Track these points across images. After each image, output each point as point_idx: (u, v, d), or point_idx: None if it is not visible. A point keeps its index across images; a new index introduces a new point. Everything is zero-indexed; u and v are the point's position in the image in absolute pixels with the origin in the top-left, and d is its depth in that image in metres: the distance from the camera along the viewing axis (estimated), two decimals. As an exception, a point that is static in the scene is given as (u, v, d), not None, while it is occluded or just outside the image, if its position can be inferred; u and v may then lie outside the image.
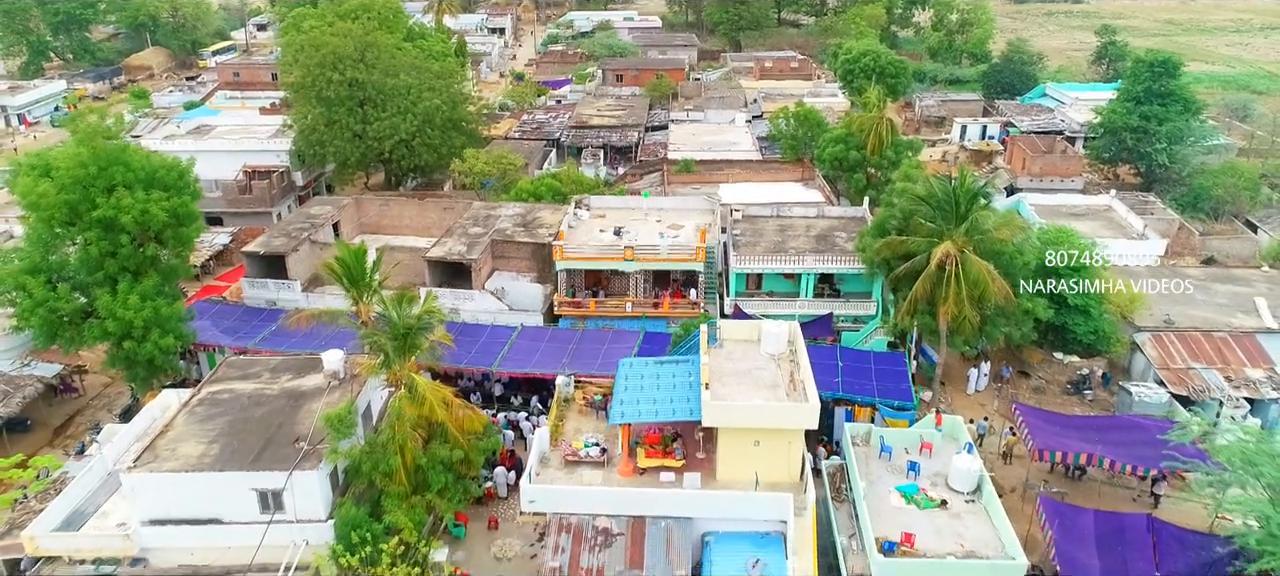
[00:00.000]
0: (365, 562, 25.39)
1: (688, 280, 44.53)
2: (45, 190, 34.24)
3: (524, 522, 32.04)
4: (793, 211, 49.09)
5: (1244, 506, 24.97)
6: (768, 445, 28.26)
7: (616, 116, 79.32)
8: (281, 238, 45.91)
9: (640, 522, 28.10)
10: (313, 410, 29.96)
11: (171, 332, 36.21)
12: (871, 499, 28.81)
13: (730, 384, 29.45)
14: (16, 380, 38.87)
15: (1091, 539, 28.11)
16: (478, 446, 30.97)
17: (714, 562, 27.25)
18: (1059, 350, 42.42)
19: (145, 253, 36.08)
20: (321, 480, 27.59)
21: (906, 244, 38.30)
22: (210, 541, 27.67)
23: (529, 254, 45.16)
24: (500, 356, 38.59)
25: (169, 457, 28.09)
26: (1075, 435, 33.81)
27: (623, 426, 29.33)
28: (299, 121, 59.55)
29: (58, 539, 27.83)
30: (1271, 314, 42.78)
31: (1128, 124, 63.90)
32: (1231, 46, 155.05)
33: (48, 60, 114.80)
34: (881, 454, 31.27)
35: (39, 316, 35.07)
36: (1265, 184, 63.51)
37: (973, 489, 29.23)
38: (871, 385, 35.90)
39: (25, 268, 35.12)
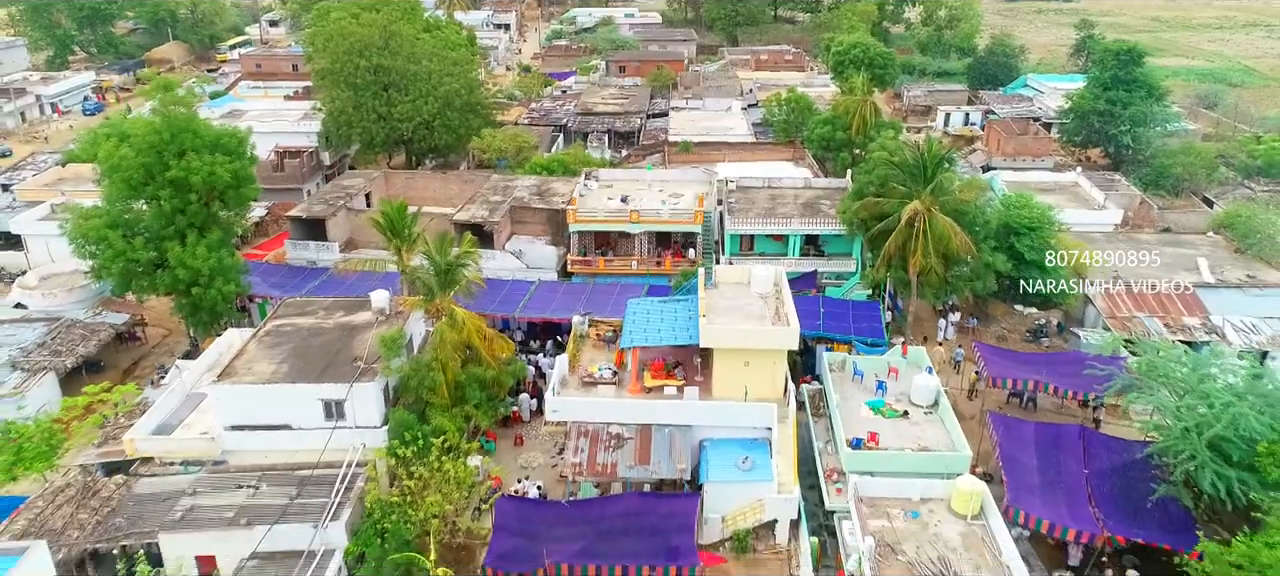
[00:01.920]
0: (417, 455, 30.23)
1: (687, 241, 49.45)
2: (125, 154, 39.09)
3: (549, 433, 36.98)
4: (782, 182, 54.03)
5: (1143, 400, 29.87)
6: (755, 364, 33.18)
7: (620, 104, 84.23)
8: (321, 205, 50.83)
9: (647, 429, 33.04)
10: (365, 339, 34.93)
11: (232, 281, 41.17)
12: (844, 410, 33.80)
13: (724, 315, 34.42)
14: (92, 326, 43.83)
15: (1031, 444, 33.05)
16: (506, 370, 35.86)
17: (710, 461, 32.19)
18: (1019, 302, 47.32)
19: (210, 210, 41.00)
20: (377, 392, 32.51)
21: (881, 205, 43.22)
22: (281, 444, 32.52)
23: (544, 219, 50.11)
24: (521, 304, 43.51)
25: (247, 374, 33.05)
26: (1026, 367, 38.82)
27: (632, 350, 34.28)
28: (328, 105, 64.36)
29: (153, 442, 32.76)
30: (1210, 271, 47.73)
31: (1095, 108, 68.86)
32: (1213, 42, 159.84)
33: (72, 54, 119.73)
34: (854, 377, 36.28)
35: (118, 266, 39.98)
36: (1222, 164, 68.39)
37: (931, 403, 34.22)
38: (849, 326, 40.82)
39: (106, 223, 40.02)
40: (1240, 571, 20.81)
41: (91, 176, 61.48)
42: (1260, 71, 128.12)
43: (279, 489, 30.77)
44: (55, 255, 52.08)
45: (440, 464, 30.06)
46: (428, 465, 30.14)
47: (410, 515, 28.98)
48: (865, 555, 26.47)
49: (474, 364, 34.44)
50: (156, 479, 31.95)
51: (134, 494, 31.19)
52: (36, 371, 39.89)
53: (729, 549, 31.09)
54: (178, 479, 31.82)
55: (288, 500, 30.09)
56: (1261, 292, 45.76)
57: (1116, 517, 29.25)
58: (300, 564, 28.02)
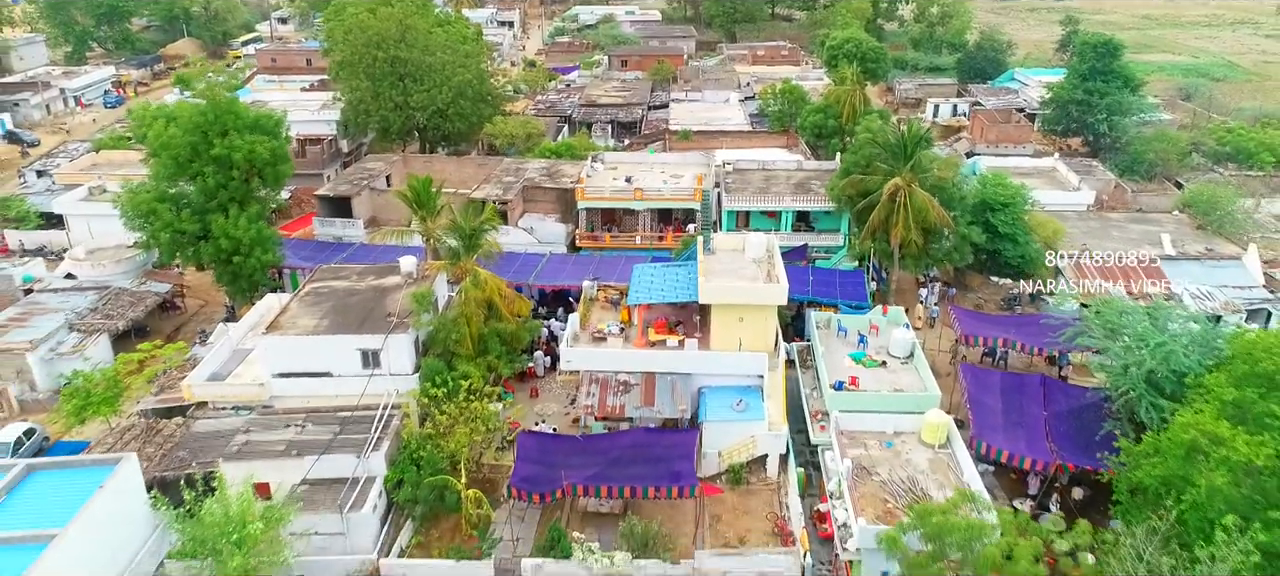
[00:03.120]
0: (446, 396, 33.86)
1: (687, 217, 53.15)
2: (173, 133, 42.80)
3: (562, 386, 40.69)
4: (776, 165, 57.75)
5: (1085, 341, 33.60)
6: (749, 319, 36.90)
7: (622, 96, 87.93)
8: (346, 185, 54.51)
9: (651, 377, 36.74)
10: (396, 297, 38.63)
11: (269, 252, 44.86)
12: (829, 361, 37.50)
13: (721, 275, 38.14)
14: (139, 294, 47.54)
15: (997, 390, 36.76)
16: (523, 327, 39.55)
17: (708, 404, 35.91)
18: (994, 274, 50.98)
19: (249, 186, 44.68)
20: (409, 343, 36.18)
21: (866, 182, 46.93)
22: (322, 390, 36.17)
23: (554, 198, 53.82)
24: (534, 274, 47.19)
25: (292, 327, 36.74)
26: (997, 327, 42.57)
27: (638, 306, 37.99)
28: (347, 95, 68.01)
29: (208, 388, 36.47)
30: (1172, 245, 51.46)
31: (1073, 98, 72.63)
32: (1200, 39, 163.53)
33: (90, 50, 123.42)
34: (839, 333, 40.01)
35: (166, 237, 43.69)
36: (1194, 151, 72.16)
37: (907, 354, 37.95)
38: (835, 291, 44.51)
39: (155, 197, 43.72)
40: (1149, 458, 24.25)
41: (123, 162, 65.63)
42: (1244, 67, 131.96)
43: (323, 427, 34.43)
44: (94, 233, 55.84)
45: (467, 403, 33.69)
46: (456, 404, 33.75)
47: (442, 447, 32.62)
48: (844, 475, 30.20)
49: (495, 319, 38.09)
50: (212, 420, 35.65)
51: (193, 432, 34.88)
52: (91, 332, 43.57)
53: (725, 481, 34.80)
54: (231, 420, 35.51)
55: (331, 436, 33.75)
56: (1217, 264, 49.49)
57: (1069, 450, 32.94)
58: (345, 489, 31.68)
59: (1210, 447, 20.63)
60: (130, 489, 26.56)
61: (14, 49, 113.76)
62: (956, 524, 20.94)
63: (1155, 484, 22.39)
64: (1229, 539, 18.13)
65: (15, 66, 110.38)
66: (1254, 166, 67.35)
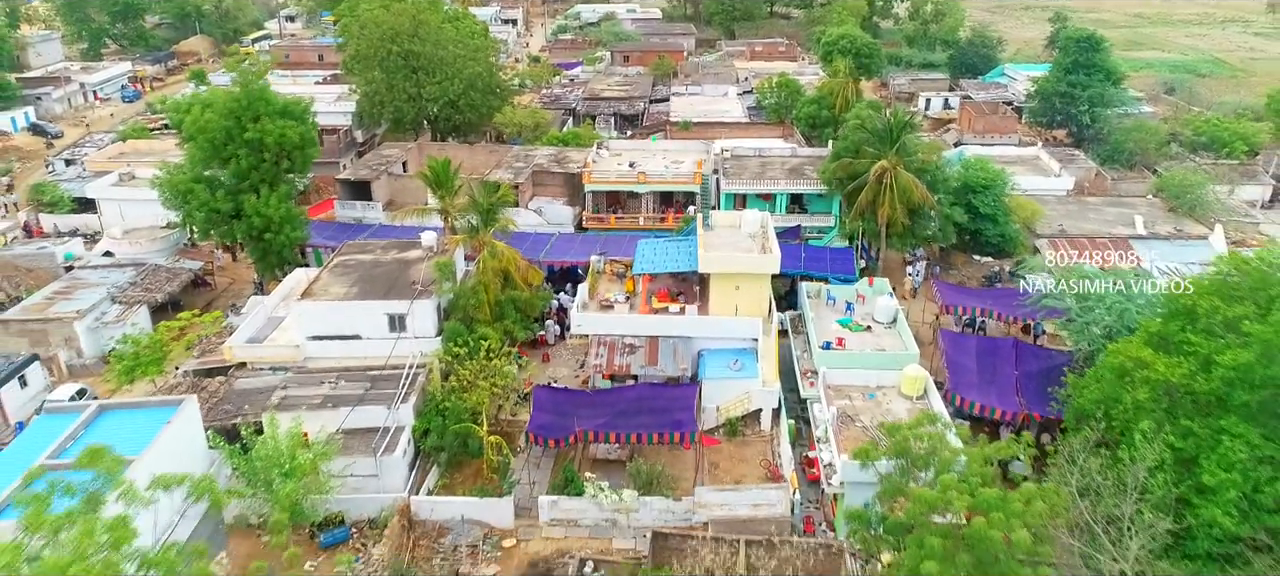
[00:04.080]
0: (468, 355, 37.04)
1: (687, 200, 56.34)
2: (210, 118, 45.97)
3: (570, 352, 43.88)
4: (772, 152, 60.94)
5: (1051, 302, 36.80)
6: (745, 287, 40.10)
7: (624, 90, 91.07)
8: (365, 170, 57.71)
9: (655, 340, 39.96)
10: (418, 268, 41.83)
11: (298, 229, 48.07)
12: (818, 326, 40.72)
13: (719, 248, 41.34)
14: (174, 270, 50.72)
15: (973, 352, 39.96)
16: (536, 295, 42.75)
17: (707, 364, 39.09)
18: (976, 252, 54.19)
19: (279, 167, 47.85)
20: (433, 308, 39.38)
21: (855, 165, 50.09)
22: (353, 351, 39.35)
23: (562, 182, 57.01)
24: (544, 251, 50.35)
25: (324, 294, 39.95)
26: (975, 298, 45.77)
27: (643, 277, 41.18)
28: (363, 87, 71.15)
29: (248, 349, 39.67)
30: (1143, 225, 54.67)
31: (1057, 90, 75.85)
32: (1190, 37, 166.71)
33: (105, 46, 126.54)
34: (828, 302, 43.22)
35: (202, 214, 46.90)
36: (1173, 141, 75.34)
37: (890, 320, 41.16)
38: (826, 265, 47.67)
39: (192, 178, 46.90)
40: (1088, 386, 27.35)
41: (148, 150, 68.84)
42: (1229, 63, 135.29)
43: (354, 383, 37.62)
44: (125, 216, 59.07)
45: (487, 362, 36.87)
46: (476, 363, 36.92)
47: (464, 400, 35.77)
48: (830, 422, 33.40)
49: (511, 288, 41.28)
50: (252, 378, 38.84)
51: (236, 388, 38.08)
52: (132, 304, 46.73)
53: (723, 433, 37.98)
54: (270, 377, 38.70)
55: (363, 391, 36.94)
56: (1186, 243, 52.71)
57: (1036, 402, 36.10)
58: (377, 437, 34.87)
59: (1135, 370, 23.72)
60: (192, 426, 29.75)
61: (31, 45, 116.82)
62: (918, 433, 24.10)
63: (1092, 406, 25.53)
64: (1146, 441, 21.23)
65: (32, 62, 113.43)
66: (1228, 155, 70.49)
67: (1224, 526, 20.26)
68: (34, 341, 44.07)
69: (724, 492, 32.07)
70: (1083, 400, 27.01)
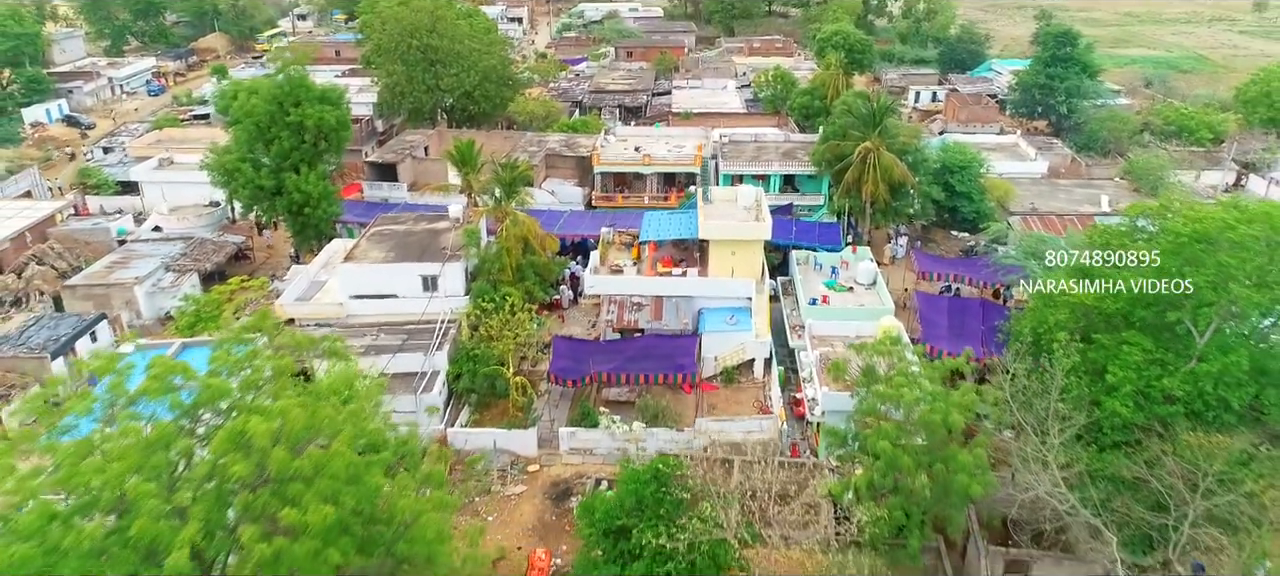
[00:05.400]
0: (494, 309, 41.73)
1: (688, 180, 61.06)
2: (255, 103, 50.66)
3: (583, 312, 48.61)
4: (766, 137, 65.68)
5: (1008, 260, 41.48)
6: (740, 252, 44.79)
7: (628, 83, 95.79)
8: (391, 153, 62.45)
9: (659, 299, 44.68)
10: (447, 237, 46.55)
11: (334, 205, 52.77)
12: (806, 286, 45.45)
13: (717, 217, 46.04)
14: (219, 243, 55.49)
15: (944, 310, 44.68)
16: (553, 261, 47.47)
17: (706, 319, 43.80)
18: (954, 228, 58.88)
19: (317, 148, 52.55)
20: (461, 270, 44.12)
21: (842, 147, 54.80)
22: (390, 309, 44.08)
23: (573, 164, 61.75)
24: (557, 226, 55.04)
25: (364, 258, 44.69)
26: (949, 266, 50.53)
27: (649, 244, 45.90)
28: (384, 78, 75.91)
29: (296, 307, 44.40)
30: (1108, 204, 59.40)
31: (1036, 83, 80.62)
32: (1177, 35, 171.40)
33: (127, 43, 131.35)
34: (815, 267, 47.96)
35: (248, 191, 51.58)
36: (1146, 131, 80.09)
37: (870, 282, 45.88)
38: (815, 238, 52.40)
39: (239, 157, 51.60)
40: (1029, 313, 32.05)
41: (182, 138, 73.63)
42: (1212, 60, 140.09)
43: (393, 335, 42.35)
44: (166, 197, 63.80)
45: (511, 316, 41.58)
46: (501, 318, 41.62)
47: (492, 349, 40.50)
48: (814, 364, 38.10)
49: (530, 253, 45.99)
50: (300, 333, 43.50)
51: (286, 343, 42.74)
52: (184, 272, 51.47)
53: (720, 381, 42.67)
54: (315, 331, 43.33)
55: (401, 341, 41.69)
56: (1146, 219, 57.31)
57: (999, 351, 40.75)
58: (415, 380, 39.59)
59: (1059, 296, 28.30)
60: (263, 359, 34.39)
61: (56, 43, 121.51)
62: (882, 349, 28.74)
63: (1025, 330, 30.18)
64: (1062, 349, 25.80)
65: (57, 59, 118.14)
66: (1195, 143, 75.23)
67: (1123, 415, 24.83)
68: (98, 304, 48.78)
69: (721, 422, 36.79)
70: (1019, 327, 31.72)
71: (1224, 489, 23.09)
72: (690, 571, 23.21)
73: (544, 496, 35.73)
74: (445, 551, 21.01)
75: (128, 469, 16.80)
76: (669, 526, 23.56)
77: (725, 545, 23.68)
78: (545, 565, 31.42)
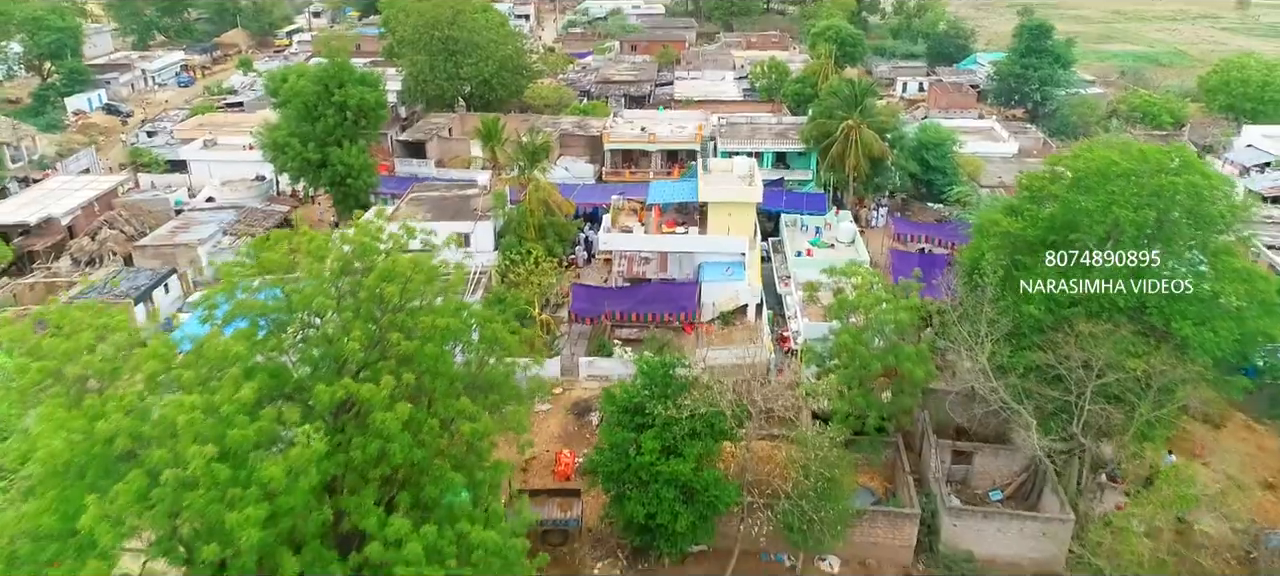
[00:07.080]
0: (521, 260, 47.92)
1: (690, 157, 67.31)
2: (303, 85, 56.88)
3: (596, 270, 54.91)
4: (760, 120, 71.94)
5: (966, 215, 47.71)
6: (735, 214, 51.04)
7: (633, 75, 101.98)
8: (420, 133, 68.77)
9: (664, 254, 50.93)
10: (476, 201, 52.81)
11: (373, 177, 59.03)
12: (793, 243, 51.72)
13: (715, 184, 52.29)
14: (268, 211, 61.74)
15: (914, 263, 50.83)
16: (571, 222, 53.73)
17: (705, 271, 50.03)
18: (929, 201, 65.06)
19: (357, 126, 58.77)
20: (490, 229, 50.41)
21: (827, 126, 61.03)
22: (428, 263, 50.20)
23: (584, 143, 68.02)
24: (572, 195, 61.22)
25: (405, 218, 50.91)
26: (922, 229, 56.78)
27: (654, 209, 52.17)
28: (408, 68, 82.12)
29: (346, 261, 50.56)
30: (1070, 178, 65.55)
31: (1013, 72, 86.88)
32: (1161, 31, 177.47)
33: (153, 38, 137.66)
34: (802, 228, 54.21)
35: (295, 164, 57.80)
36: (1114, 116, 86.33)
37: (850, 240, 52.16)
38: (802, 205, 58.64)
39: (288, 133, 57.82)
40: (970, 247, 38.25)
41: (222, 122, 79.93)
42: (1191, 55, 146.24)
43: (432, 284, 48.52)
44: (212, 173, 70.06)
45: (536, 267, 47.80)
46: (526, 269, 47.82)
47: (519, 295, 46.69)
48: (798, 304, 44.33)
49: (550, 216, 52.25)
50: (351, 282, 49.75)
51: (339, 288, 49.00)
52: (239, 236, 57.69)
53: (717, 324, 48.90)
54: (364, 282, 49.59)
55: (439, 289, 47.84)
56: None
57: (957, 296, 47.02)
58: (453, 320, 45.76)
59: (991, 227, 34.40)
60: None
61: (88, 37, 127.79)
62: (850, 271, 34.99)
63: (966, 259, 36.40)
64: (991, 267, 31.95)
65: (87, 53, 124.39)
66: (1157, 127, 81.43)
67: (1036, 317, 30.97)
68: (165, 262, 54.99)
69: (718, 349, 42.94)
70: (962, 257, 38.01)
71: (1113, 370, 29.26)
72: (691, 435, 29.39)
73: (567, 413, 41.97)
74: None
75: (315, 293, 23.70)
76: (675, 401, 29.76)
77: (720, 415, 29.86)
78: (570, 461, 37.69)
